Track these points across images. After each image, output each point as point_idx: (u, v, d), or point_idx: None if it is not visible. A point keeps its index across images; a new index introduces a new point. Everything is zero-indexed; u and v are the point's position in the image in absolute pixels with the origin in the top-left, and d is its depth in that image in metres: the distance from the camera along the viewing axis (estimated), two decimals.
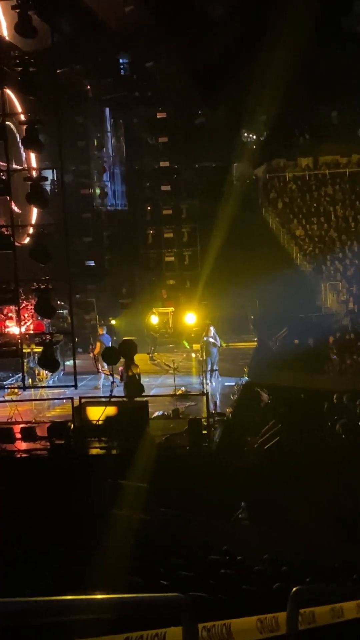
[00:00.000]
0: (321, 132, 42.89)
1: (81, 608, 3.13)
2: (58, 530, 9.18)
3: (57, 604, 3.02)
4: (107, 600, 3.39)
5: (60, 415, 19.47)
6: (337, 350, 27.86)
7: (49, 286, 18.84)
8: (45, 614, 2.92)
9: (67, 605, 3.07)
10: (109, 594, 3.54)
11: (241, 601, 6.93)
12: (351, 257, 36.85)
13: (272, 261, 34.39)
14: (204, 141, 36.88)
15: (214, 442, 17.35)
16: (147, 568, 8.13)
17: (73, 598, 3.14)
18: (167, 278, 34.67)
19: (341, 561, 10.90)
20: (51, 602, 2.99)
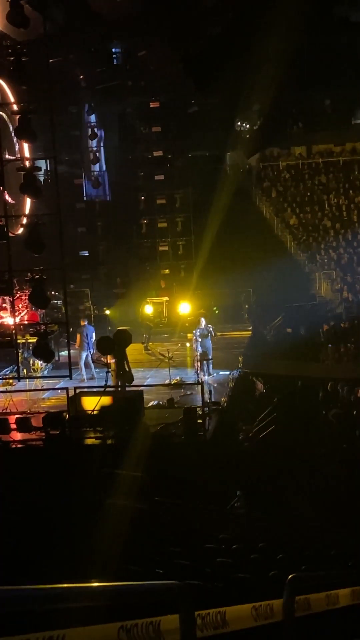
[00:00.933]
0: (314, 121, 42.82)
1: (77, 596, 3.14)
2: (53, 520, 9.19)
3: (53, 591, 3.03)
4: (104, 587, 3.39)
5: (55, 405, 19.48)
6: (331, 338, 27.90)
7: (43, 276, 18.81)
8: (41, 601, 2.93)
9: (62, 593, 3.08)
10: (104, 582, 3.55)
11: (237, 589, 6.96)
12: (345, 246, 36.89)
13: (266, 250, 34.40)
14: (197, 130, 36.81)
15: (209, 431, 17.37)
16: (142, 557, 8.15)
17: (69, 586, 3.15)
18: (161, 267, 34.63)
19: (336, 549, 10.94)
20: (46, 589, 3.00)
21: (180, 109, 36.24)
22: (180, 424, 17.24)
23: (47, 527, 8.91)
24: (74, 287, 29.68)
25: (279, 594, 5.01)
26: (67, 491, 11.48)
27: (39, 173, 23.25)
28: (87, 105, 33.66)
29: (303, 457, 15.79)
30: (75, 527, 8.84)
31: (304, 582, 5.46)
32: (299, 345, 27.13)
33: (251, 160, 42.66)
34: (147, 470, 14.42)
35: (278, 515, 13.40)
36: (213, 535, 10.42)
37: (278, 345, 27.34)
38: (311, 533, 12.27)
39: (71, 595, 3.12)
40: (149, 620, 3.65)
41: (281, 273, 32.41)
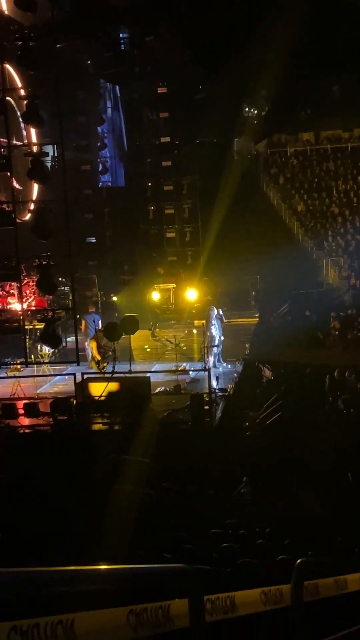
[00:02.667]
0: (323, 107, 42.60)
1: (86, 578, 3.14)
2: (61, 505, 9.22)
3: (61, 574, 3.03)
4: (113, 570, 3.40)
5: (63, 391, 19.53)
6: (339, 326, 27.84)
7: (50, 262, 18.83)
8: (49, 584, 2.93)
9: (71, 576, 3.08)
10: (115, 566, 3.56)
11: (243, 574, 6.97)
12: (353, 233, 36.74)
13: (274, 237, 34.30)
14: (205, 116, 36.63)
15: (215, 418, 17.40)
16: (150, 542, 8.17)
17: (77, 568, 3.15)
18: (168, 254, 34.56)
19: (343, 534, 10.95)
20: (54, 572, 3.00)
21: (188, 95, 36.03)
22: (187, 411, 17.28)
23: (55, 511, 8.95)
24: (81, 274, 29.68)
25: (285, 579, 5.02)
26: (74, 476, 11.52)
27: (46, 159, 23.18)
28: (95, 91, 33.55)
29: (309, 443, 15.78)
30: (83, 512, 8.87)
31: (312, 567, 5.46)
32: (306, 333, 27.08)
33: (259, 146, 42.50)
34: (154, 456, 14.47)
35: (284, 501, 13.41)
36: (219, 520, 10.44)
37: (285, 332, 27.29)
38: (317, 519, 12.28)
39: (80, 578, 3.12)
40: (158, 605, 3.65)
41: (288, 260, 32.31)
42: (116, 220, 34.81)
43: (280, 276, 31.82)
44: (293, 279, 32.36)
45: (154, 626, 3.46)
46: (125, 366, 19.74)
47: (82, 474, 11.89)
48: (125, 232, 34.40)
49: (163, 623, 3.54)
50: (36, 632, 2.83)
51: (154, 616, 3.50)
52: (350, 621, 5.59)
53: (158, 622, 3.52)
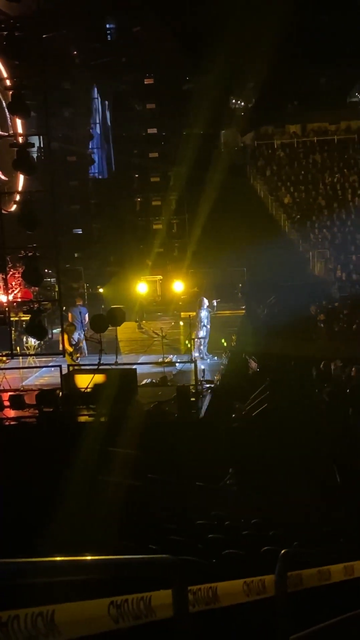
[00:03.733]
0: (309, 99, 42.65)
1: (68, 569, 3.13)
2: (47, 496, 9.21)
3: (42, 564, 3.02)
4: (96, 561, 3.39)
5: (49, 383, 19.49)
6: (325, 317, 27.92)
7: (36, 254, 18.76)
8: (29, 574, 2.92)
9: (54, 566, 3.07)
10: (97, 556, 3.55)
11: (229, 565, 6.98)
12: (339, 225, 36.82)
13: (260, 229, 34.34)
14: (192, 108, 36.56)
15: (202, 409, 17.41)
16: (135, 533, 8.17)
17: (59, 559, 3.14)
18: (155, 246, 34.52)
19: (328, 525, 11.00)
20: (35, 562, 2.99)
21: (175, 86, 35.98)
22: (174, 402, 17.28)
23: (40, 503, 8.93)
24: (67, 266, 29.60)
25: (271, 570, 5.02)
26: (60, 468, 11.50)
27: (32, 150, 23.07)
28: (81, 81, 33.41)
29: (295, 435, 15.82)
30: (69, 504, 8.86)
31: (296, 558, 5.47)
32: (292, 324, 27.13)
33: (246, 138, 42.51)
34: (140, 447, 14.45)
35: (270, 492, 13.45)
36: (205, 511, 10.46)
37: (271, 324, 27.33)
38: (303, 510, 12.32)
39: (62, 568, 3.11)
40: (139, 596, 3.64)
41: (275, 252, 32.35)
42: (103, 212, 34.71)
43: (266, 268, 31.86)
44: (279, 271, 32.41)
45: (135, 617, 3.45)
46: (112, 358, 19.72)
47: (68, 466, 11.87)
48: (112, 224, 34.33)
49: (145, 614, 3.54)
50: (16, 623, 2.81)
51: (135, 607, 3.49)
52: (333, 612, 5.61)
53: (140, 613, 3.51)
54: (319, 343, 26.35)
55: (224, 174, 34.58)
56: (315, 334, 27.30)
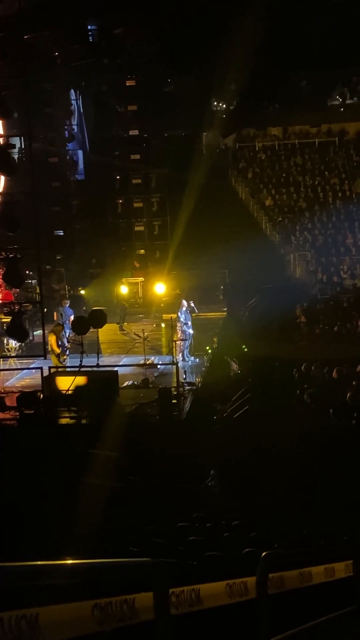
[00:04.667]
0: (291, 102, 42.79)
1: (51, 573, 3.13)
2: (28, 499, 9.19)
3: (25, 568, 3.02)
4: (77, 564, 3.39)
5: (30, 384, 19.43)
6: (306, 319, 28.03)
7: (18, 255, 18.70)
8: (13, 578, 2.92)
9: (35, 570, 3.07)
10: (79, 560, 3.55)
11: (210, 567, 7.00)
12: (320, 228, 36.98)
13: (242, 231, 34.41)
14: (173, 110, 36.59)
15: (183, 411, 17.42)
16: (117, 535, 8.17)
17: (42, 563, 3.14)
18: (136, 248, 34.51)
19: (309, 527, 11.04)
20: (18, 566, 2.99)
21: (157, 88, 35.98)
22: (155, 404, 17.28)
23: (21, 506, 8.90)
24: (49, 267, 29.53)
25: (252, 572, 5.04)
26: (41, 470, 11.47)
27: (13, 151, 22.98)
28: (63, 82, 33.34)
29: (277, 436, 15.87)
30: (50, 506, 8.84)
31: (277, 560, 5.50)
32: (273, 326, 27.22)
33: (227, 140, 42.61)
34: (122, 449, 14.44)
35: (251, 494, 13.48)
36: (187, 513, 10.47)
37: (253, 326, 27.41)
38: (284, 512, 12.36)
39: (44, 572, 3.11)
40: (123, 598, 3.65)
41: (256, 254, 32.44)
42: (84, 213, 34.65)
43: (248, 270, 31.94)
44: (261, 273, 32.50)
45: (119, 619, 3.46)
46: (93, 360, 19.68)
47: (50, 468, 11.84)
48: (93, 225, 34.27)
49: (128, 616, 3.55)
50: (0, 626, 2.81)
51: (119, 609, 3.50)
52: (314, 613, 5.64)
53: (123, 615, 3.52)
54: (300, 345, 26.44)
55: (205, 176, 34.63)
56: (297, 335, 27.39)
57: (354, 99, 43.86)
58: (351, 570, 6.65)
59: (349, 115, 43.12)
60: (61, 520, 7.97)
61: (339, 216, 37.54)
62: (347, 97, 44.01)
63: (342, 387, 18.86)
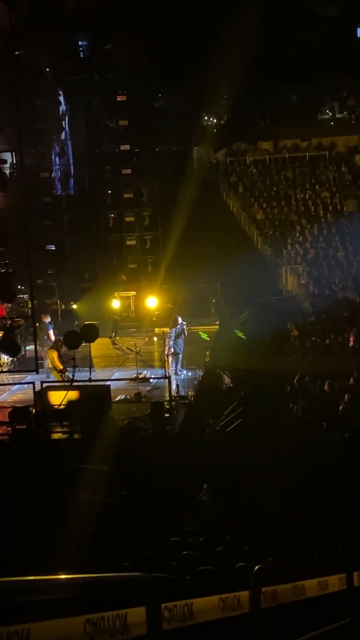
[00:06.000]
0: (281, 116, 42.99)
1: (43, 588, 3.12)
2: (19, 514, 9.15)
3: (17, 584, 3.00)
4: (69, 580, 3.38)
5: (22, 400, 19.37)
6: (298, 332, 28.06)
7: (9, 270, 18.70)
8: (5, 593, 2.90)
9: (27, 585, 3.05)
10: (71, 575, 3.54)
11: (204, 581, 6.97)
12: (311, 241, 37.09)
13: (233, 245, 34.49)
14: (164, 125, 36.73)
15: (176, 425, 17.40)
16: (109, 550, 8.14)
17: (34, 578, 3.13)
18: (128, 262, 34.54)
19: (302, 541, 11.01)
20: (10, 582, 2.97)
21: (147, 103, 36.12)
22: (148, 418, 17.25)
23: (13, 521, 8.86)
24: (40, 282, 29.51)
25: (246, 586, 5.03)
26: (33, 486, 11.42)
27: (5, 166, 23.03)
28: (54, 98, 33.44)
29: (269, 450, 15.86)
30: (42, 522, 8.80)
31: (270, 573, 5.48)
32: (265, 340, 27.24)
33: (218, 154, 42.75)
34: (114, 464, 14.40)
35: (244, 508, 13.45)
36: (180, 528, 10.43)
37: (245, 339, 27.42)
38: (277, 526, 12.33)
39: (36, 587, 3.10)
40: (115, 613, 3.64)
41: (248, 268, 32.50)
42: (76, 228, 34.67)
43: (240, 284, 31.99)
44: (253, 287, 32.55)
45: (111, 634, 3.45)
46: (85, 374, 19.65)
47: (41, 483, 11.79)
48: (85, 240, 34.28)
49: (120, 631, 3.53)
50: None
51: (111, 625, 3.49)
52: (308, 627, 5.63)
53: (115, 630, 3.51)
54: (292, 358, 26.45)
55: (196, 190, 34.70)
56: (289, 348, 27.41)
57: (343, 113, 44.11)
58: (344, 584, 6.64)
59: (339, 129, 43.34)
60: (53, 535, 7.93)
61: (330, 229, 37.67)
62: (337, 111, 44.27)
63: (334, 400, 18.88)
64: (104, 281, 32.43)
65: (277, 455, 15.60)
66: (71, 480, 12.53)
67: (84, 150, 35.97)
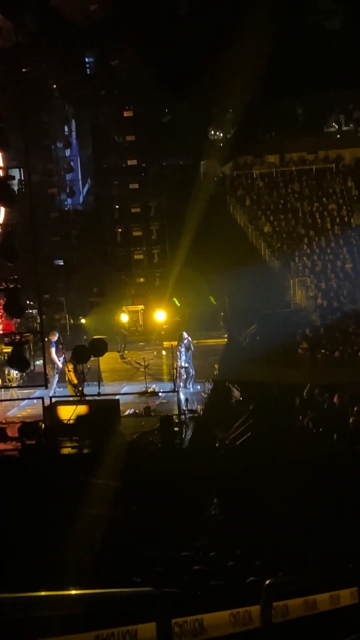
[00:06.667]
0: (287, 129, 43.06)
1: (53, 603, 3.10)
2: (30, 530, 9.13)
3: (28, 599, 2.99)
4: (79, 595, 3.36)
5: (31, 415, 19.37)
6: (307, 345, 28.01)
7: (18, 285, 18.73)
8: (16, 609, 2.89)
9: (38, 601, 3.04)
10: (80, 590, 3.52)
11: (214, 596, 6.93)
12: (319, 253, 37.07)
13: (241, 258, 34.48)
14: (171, 139, 36.88)
15: (185, 439, 17.35)
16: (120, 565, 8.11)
17: (45, 594, 3.12)
18: (136, 276, 34.60)
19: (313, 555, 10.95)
20: (22, 597, 2.96)
21: (154, 118, 36.29)
22: (157, 432, 17.21)
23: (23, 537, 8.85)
24: (49, 297, 29.55)
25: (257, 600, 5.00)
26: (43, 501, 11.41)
27: (13, 182, 23.13)
28: (61, 114, 33.62)
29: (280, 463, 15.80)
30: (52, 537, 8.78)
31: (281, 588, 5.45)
32: (274, 352, 27.20)
33: (225, 168, 42.81)
34: (123, 478, 14.38)
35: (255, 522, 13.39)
36: (190, 542, 10.39)
37: (254, 352, 27.38)
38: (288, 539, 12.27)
39: (47, 603, 3.09)
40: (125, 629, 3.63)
41: (256, 280, 32.51)
42: (84, 243, 34.76)
43: (248, 296, 31.99)
44: (261, 300, 32.54)
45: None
46: (94, 389, 19.64)
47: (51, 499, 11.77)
48: (93, 255, 34.36)
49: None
50: None
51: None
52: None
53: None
54: (301, 370, 26.40)
55: (204, 204, 34.78)
56: (298, 361, 27.36)
57: (349, 125, 44.15)
58: (356, 598, 6.59)
59: (345, 142, 43.36)
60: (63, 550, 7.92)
61: (337, 241, 37.65)
62: (343, 123, 44.31)
63: (344, 412, 18.82)
64: (112, 295, 32.47)
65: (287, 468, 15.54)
66: (81, 494, 12.50)
67: (92, 166, 36.13)
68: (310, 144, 42.72)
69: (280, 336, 28.60)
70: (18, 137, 21.37)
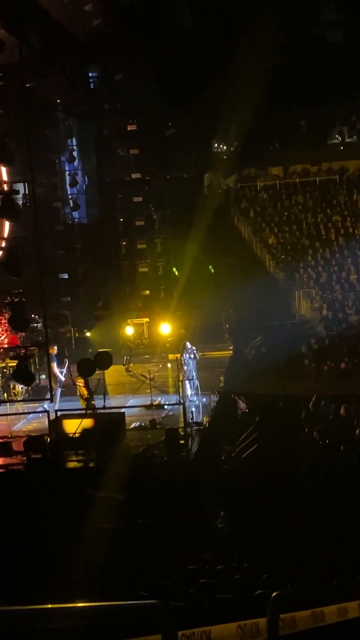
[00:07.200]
0: (291, 141, 43.15)
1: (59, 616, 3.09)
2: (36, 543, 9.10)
3: (34, 612, 2.98)
4: (85, 608, 3.35)
5: (37, 429, 19.34)
6: (312, 356, 27.96)
7: (22, 299, 18.75)
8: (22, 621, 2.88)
9: (44, 613, 3.03)
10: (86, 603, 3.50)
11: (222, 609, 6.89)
12: (323, 264, 37.07)
13: (246, 270, 34.53)
14: (175, 152, 36.99)
15: (191, 452, 17.31)
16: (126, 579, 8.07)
17: (50, 606, 3.11)
18: (141, 289, 34.63)
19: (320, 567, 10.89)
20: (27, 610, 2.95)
21: (158, 131, 36.42)
22: (163, 445, 17.17)
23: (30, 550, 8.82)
24: (53, 310, 29.57)
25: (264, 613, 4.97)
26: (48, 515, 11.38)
27: (17, 196, 23.21)
28: (65, 128, 33.76)
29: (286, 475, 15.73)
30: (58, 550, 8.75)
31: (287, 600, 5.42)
32: (280, 364, 27.16)
33: (229, 181, 42.89)
34: (129, 492, 14.33)
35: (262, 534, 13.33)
36: (197, 556, 10.35)
37: (259, 364, 27.34)
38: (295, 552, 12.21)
39: (52, 615, 3.08)
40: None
41: (261, 292, 32.51)
42: (88, 256, 34.83)
43: (253, 308, 31.98)
44: (266, 311, 32.53)
45: None
46: (100, 402, 19.62)
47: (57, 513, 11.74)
48: (97, 268, 34.43)
49: None
50: None
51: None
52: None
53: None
54: (306, 382, 26.34)
55: (208, 216, 34.84)
56: (303, 372, 27.30)
57: (353, 137, 44.24)
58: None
59: (349, 153, 43.45)
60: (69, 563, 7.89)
61: (342, 252, 37.65)
62: (346, 135, 44.40)
63: (351, 423, 18.75)
64: (117, 308, 32.49)
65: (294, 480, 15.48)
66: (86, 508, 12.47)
67: (96, 179, 36.23)
68: (313, 155, 42.80)
69: (285, 348, 28.56)
70: (22, 151, 21.45)
